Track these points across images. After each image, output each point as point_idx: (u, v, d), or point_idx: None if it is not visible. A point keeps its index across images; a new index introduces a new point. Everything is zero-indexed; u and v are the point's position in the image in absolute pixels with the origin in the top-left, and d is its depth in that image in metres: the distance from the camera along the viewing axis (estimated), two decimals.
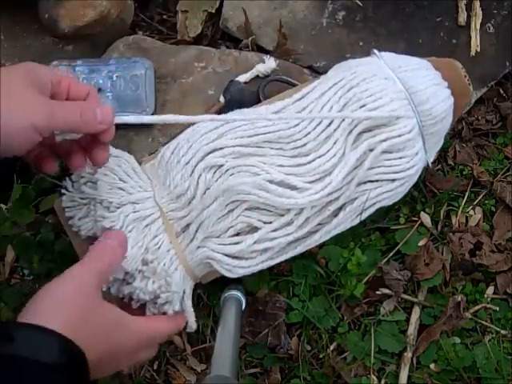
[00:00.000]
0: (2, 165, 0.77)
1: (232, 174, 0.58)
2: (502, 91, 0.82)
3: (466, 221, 0.77)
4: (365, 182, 0.61)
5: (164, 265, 0.55)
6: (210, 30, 0.83)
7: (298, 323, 0.73)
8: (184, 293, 0.57)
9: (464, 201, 0.77)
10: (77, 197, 0.58)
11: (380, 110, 0.59)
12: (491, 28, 0.80)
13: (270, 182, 0.58)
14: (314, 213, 0.60)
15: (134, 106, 0.69)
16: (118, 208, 0.56)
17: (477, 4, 0.80)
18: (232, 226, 0.59)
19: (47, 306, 0.42)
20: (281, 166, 0.59)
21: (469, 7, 0.80)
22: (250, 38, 0.78)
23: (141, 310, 0.54)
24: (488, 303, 0.74)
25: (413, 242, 0.74)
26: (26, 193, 0.74)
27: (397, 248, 0.74)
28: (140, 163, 0.62)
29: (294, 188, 0.58)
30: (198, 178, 0.57)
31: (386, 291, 0.73)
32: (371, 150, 0.60)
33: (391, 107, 0.59)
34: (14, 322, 0.41)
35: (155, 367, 0.73)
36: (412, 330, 0.73)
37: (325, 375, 0.71)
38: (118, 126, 0.69)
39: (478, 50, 0.79)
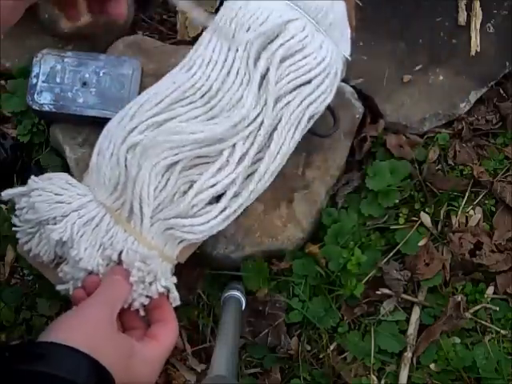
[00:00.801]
0: (2, 165, 0.77)
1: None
2: (502, 91, 0.82)
3: (466, 221, 0.77)
4: (284, 96, 0.62)
5: (128, 251, 0.56)
6: None
7: (298, 323, 0.73)
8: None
9: (464, 201, 0.77)
10: (27, 228, 0.59)
11: (265, 23, 0.60)
12: (491, 28, 0.80)
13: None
14: (248, 145, 0.60)
15: (115, 105, 0.68)
16: (63, 219, 0.57)
17: (477, 4, 0.80)
18: (176, 192, 0.60)
19: (75, 330, 0.43)
20: (196, 117, 0.60)
21: (469, 7, 0.80)
22: None
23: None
24: (488, 303, 0.74)
25: (413, 241, 0.74)
26: None
27: (397, 248, 0.74)
28: (82, 180, 0.63)
29: (213, 125, 0.59)
30: (125, 161, 0.59)
31: (386, 291, 0.73)
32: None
33: (274, 16, 0.60)
34: (45, 342, 0.42)
35: None
36: (412, 330, 0.73)
37: (325, 375, 0.71)
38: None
39: (478, 50, 0.79)
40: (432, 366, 0.72)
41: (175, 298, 0.55)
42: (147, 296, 0.53)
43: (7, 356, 0.40)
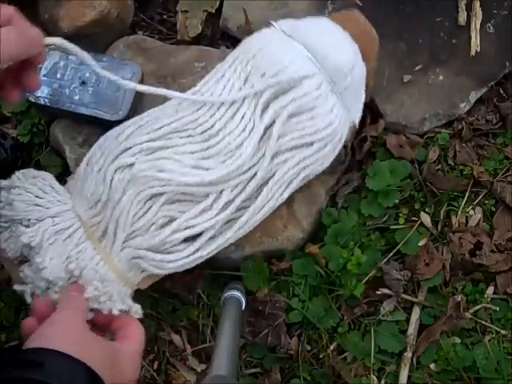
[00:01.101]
0: (2, 165, 0.77)
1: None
2: (502, 91, 0.82)
3: (466, 221, 0.77)
4: (283, 153, 0.60)
5: (89, 269, 0.55)
6: (209, 30, 0.83)
7: (298, 323, 0.73)
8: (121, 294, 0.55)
9: (464, 201, 0.77)
10: (0, 222, 0.58)
11: (281, 73, 0.58)
12: (491, 28, 0.80)
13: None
14: (235, 194, 0.59)
15: (108, 106, 0.68)
16: (37, 223, 0.56)
17: (477, 4, 0.80)
18: (154, 223, 0.58)
19: (59, 338, 0.43)
20: (192, 152, 0.58)
21: (469, 7, 0.80)
22: None
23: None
24: (488, 303, 0.74)
25: (413, 241, 0.74)
26: None
27: (397, 248, 0.74)
28: (66, 182, 0.62)
29: (206, 169, 0.58)
30: (111, 180, 0.58)
31: (386, 291, 0.73)
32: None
33: (292, 68, 0.58)
34: (40, 348, 0.41)
35: (155, 367, 0.74)
36: (412, 330, 0.73)
37: (325, 375, 0.71)
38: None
39: (478, 50, 0.79)
40: (432, 365, 0.72)
41: (136, 311, 0.53)
42: (92, 310, 0.51)
43: (1, 360, 0.39)
